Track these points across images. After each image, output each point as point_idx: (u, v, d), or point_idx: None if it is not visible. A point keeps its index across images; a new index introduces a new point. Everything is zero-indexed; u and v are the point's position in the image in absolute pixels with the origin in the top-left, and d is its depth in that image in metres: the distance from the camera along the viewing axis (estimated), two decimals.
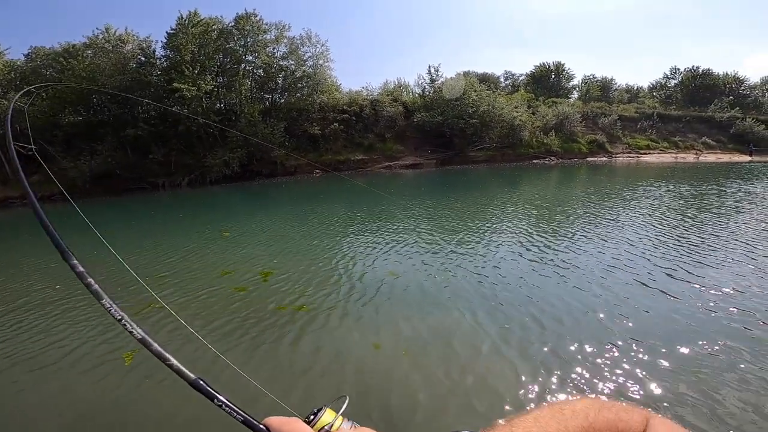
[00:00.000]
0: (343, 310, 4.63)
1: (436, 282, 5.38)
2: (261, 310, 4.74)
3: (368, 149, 28.21)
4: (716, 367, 3.13)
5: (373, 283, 5.42)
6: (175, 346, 3.94)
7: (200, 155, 24.97)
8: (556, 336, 3.73)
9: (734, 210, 9.59)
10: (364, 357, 3.63)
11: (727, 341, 3.48)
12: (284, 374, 3.44)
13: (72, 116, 26.89)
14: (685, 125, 40.37)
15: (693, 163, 29.11)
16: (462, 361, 3.42)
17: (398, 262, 6.35)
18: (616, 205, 10.78)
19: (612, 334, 3.73)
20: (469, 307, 4.51)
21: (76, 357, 3.93)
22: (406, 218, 10.09)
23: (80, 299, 5.43)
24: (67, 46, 27.05)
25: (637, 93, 51.70)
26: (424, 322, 4.25)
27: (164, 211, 16.01)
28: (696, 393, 2.83)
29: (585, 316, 4.12)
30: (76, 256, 0.86)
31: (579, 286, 4.95)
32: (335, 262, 6.57)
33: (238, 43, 27.59)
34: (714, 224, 8.05)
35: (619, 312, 4.16)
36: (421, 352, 3.66)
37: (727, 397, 2.77)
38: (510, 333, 3.86)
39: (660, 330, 3.75)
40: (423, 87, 34.80)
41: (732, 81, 47.77)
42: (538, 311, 4.28)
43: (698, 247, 6.37)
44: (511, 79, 50.70)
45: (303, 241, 8.41)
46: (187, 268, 6.73)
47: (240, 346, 3.92)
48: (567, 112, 34.10)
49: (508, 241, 7.35)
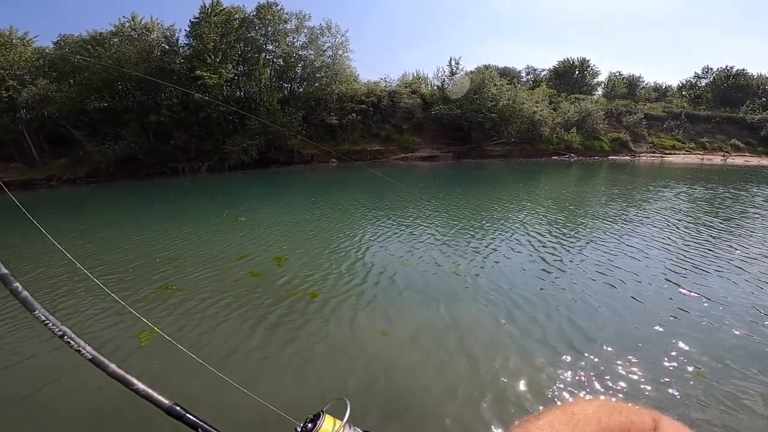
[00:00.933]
0: (353, 297, 4.69)
1: (448, 273, 5.39)
2: (273, 294, 4.83)
3: (385, 140, 28.18)
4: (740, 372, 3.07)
5: (383, 272, 5.48)
6: (190, 327, 4.09)
7: (220, 142, 25.41)
8: (571, 333, 3.70)
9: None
10: (371, 344, 3.68)
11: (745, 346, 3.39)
12: (292, 359, 3.51)
13: (98, 102, 27.71)
14: (714, 126, 38.91)
15: (720, 166, 28.02)
16: (473, 353, 3.43)
17: (410, 252, 6.38)
18: (634, 207, 10.50)
19: (625, 334, 3.68)
20: (481, 300, 4.51)
21: (89, 338, 4.00)
22: (419, 209, 10.10)
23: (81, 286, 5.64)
24: (94, 34, 27.70)
25: (665, 92, 49.95)
26: (435, 312, 4.27)
27: (184, 195, 16.39)
28: (711, 395, 2.80)
29: (601, 315, 4.08)
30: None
31: (594, 286, 4.90)
32: (347, 250, 6.64)
33: (259, 32, 27.80)
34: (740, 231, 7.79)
35: (634, 311, 4.11)
36: (431, 341, 3.67)
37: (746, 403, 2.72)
38: (524, 327, 3.85)
39: (682, 332, 3.69)
40: (442, 79, 34.50)
41: (767, 82, 45.66)
42: (553, 307, 4.25)
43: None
44: (533, 74, 49.62)
45: (316, 228, 8.51)
46: (204, 251, 6.90)
47: (251, 329, 4.01)
48: (590, 108, 33.26)
49: (521, 236, 7.28)
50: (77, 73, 26.45)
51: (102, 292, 5.00)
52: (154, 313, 4.47)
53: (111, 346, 3.79)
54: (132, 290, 5.21)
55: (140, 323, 4.11)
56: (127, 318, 4.30)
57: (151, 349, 3.71)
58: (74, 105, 26.17)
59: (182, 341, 3.77)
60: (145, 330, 3.99)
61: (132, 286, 5.37)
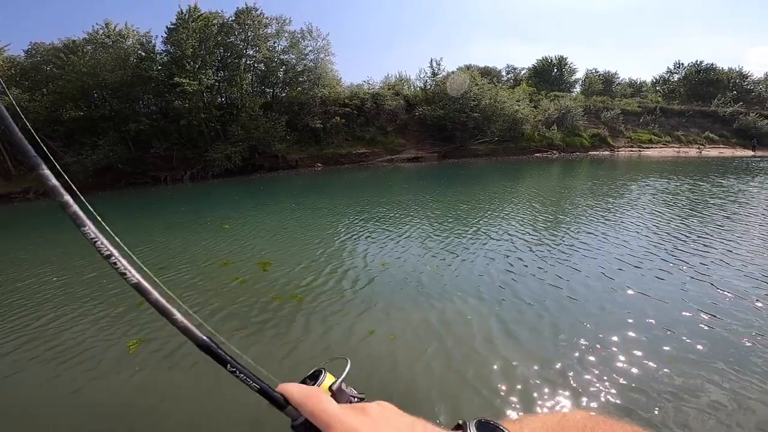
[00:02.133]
0: (336, 298, 4.73)
1: (429, 273, 5.44)
2: (258, 299, 4.84)
3: (370, 143, 28.18)
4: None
5: (367, 273, 5.52)
6: (174, 336, 3.98)
7: (202, 149, 25.02)
8: (553, 331, 3.72)
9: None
10: (356, 342, 3.72)
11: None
12: (274, 359, 3.54)
13: (73, 111, 26.98)
14: (687, 120, 40.20)
15: (695, 158, 28.96)
16: (455, 351, 3.47)
17: (393, 253, 6.43)
18: (617, 200, 10.77)
19: (605, 332, 3.71)
20: (464, 298, 4.56)
21: (79, 350, 3.97)
22: (401, 210, 10.17)
23: (80, 291, 5.54)
24: (67, 41, 26.97)
25: (640, 87, 51.41)
26: (417, 310, 4.31)
27: (166, 204, 16.09)
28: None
29: (582, 310, 4.14)
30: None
31: (576, 280, 4.97)
32: (331, 253, 6.68)
33: (239, 37, 27.53)
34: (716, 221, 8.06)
35: (613, 309, 4.16)
36: (414, 339, 3.72)
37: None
38: (507, 325, 3.89)
39: (666, 329, 3.78)
40: (425, 81, 34.75)
41: (736, 76, 47.43)
42: (538, 305, 4.29)
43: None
44: (513, 72, 50.43)
45: (301, 232, 8.51)
46: (187, 259, 6.84)
47: (237, 336, 4.00)
48: (569, 105, 33.96)
49: (503, 233, 7.39)
50: (51, 82, 25.72)
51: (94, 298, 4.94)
52: (137, 322, 4.42)
53: (97, 354, 3.79)
54: (115, 300, 5.13)
55: (127, 333, 4.14)
56: (114, 328, 4.29)
57: (136, 358, 3.70)
58: (49, 115, 25.45)
59: (164, 349, 3.78)
60: (132, 338, 4.03)
61: (115, 295, 5.28)
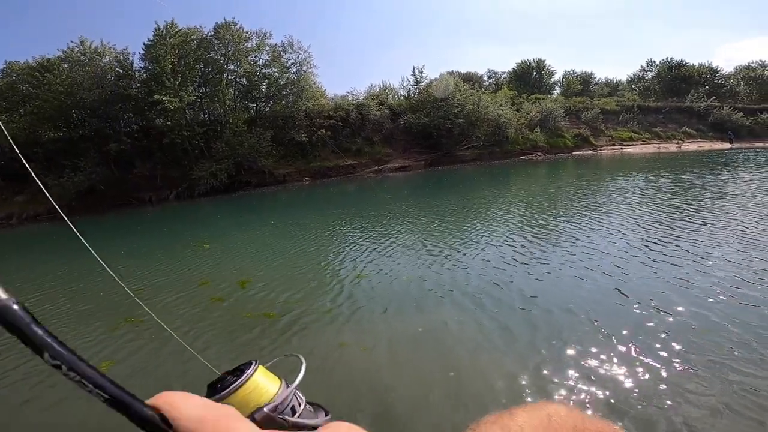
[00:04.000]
0: (311, 312, 4.84)
1: (403, 282, 5.59)
2: (235, 318, 4.94)
3: (356, 154, 28.11)
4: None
5: (345, 287, 5.63)
6: (146, 360, 4.09)
7: (187, 168, 24.59)
8: (534, 336, 3.76)
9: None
10: (331, 355, 3.80)
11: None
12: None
13: (52, 132, 26.30)
14: (665, 116, 41.29)
15: (675, 153, 29.78)
16: (435, 359, 3.52)
17: (370, 265, 6.57)
18: (600, 198, 10.96)
19: (586, 332, 3.75)
20: (442, 306, 4.66)
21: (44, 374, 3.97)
22: (384, 222, 10.28)
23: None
24: (41, 60, 26.32)
25: (616, 86, 52.75)
26: (393, 321, 4.42)
27: (149, 226, 15.93)
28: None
29: (564, 313, 4.18)
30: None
31: (562, 282, 5.04)
32: (311, 268, 6.85)
33: (219, 52, 27.28)
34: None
35: (594, 309, 4.21)
36: (389, 350, 3.81)
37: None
38: (489, 331, 3.94)
39: (654, 328, 3.78)
40: (408, 89, 34.92)
41: (707, 71, 49.05)
42: (520, 309, 4.34)
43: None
44: (494, 77, 51.20)
45: (283, 249, 8.67)
46: (167, 281, 6.96)
47: (212, 356, 4.02)
48: (550, 107, 34.56)
49: (485, 238, 7.56)
50: (27, 102, 25.03)
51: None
52: (112, 344, 4.46)
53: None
54: (92, 323, 5.16)
55: (101, 354, 4.17)
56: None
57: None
58: (28, 136, 24.76)
59: (138, 374, 3.80)
60: (105, 360, 4.08)
61: (93, 318, 5.32)
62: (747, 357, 3.17)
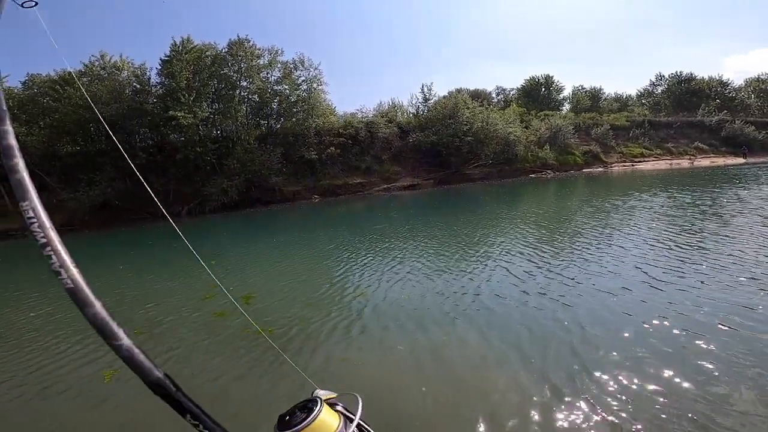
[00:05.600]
0: (315, 330, 4.89)
1: (407, 301, 5.63)
2: (235, 333, 5.06)
3: (366, 172, 28.35)
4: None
5: (349, 305, 5.71)
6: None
7: (198, 184, 25.04)
8: (543, 360, 3.72)
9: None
10: (335, 373, 3.84)
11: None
12: (242, 393, 3.65)
13: (70, 146, 26.92)
14: (676, 131, 40.99)
15: (688, 169, 29.36)
16: (437, 379, 3.57)
17: (374, 283, 6.64)
18: (612, 219, 10.87)
19: (589, 357, 3.68)
20: (444, 323, 4.73)
21: (56, 379, 4.23)
22: (389, 241, 10.36)
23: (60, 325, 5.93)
24: (62, 73, 27.08)
25: (626, 102, 52.48)
26: (397, 338, 4.48)
27: (160, 241, 16.27)
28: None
29: (567, 335, 4.15)
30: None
31: (569, 304, 4.96)
32: (317, 285, 6.96)
33: (232, 68, 27.88)
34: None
35: (599, 333, 4.15)
36: (392, 366, 3.87)
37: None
38: (492, 351, 3.95)
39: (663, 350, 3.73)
40: (417, 107, 35.17)
41: (717, 84, 48.64)
42: (524, 331, 4.32)
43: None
44: (503, 94, 51.35)
45: (289, 266, 8.90)
46: (171, 294, 7.37)
47: (209, 369, 4.17)
48: (560, 124, 34.52)
49: (489, 258, 7.61)
50: (47, 115, 25.70)
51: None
52: (112, 354, 4.57)
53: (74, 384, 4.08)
54: (91, 333, 5.30)
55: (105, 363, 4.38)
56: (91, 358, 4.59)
57: (113, 387, 3.94)
58: (45, 149, 25.44)
59: (140, 382, 3.89)
60: (108, 368, 4.24)
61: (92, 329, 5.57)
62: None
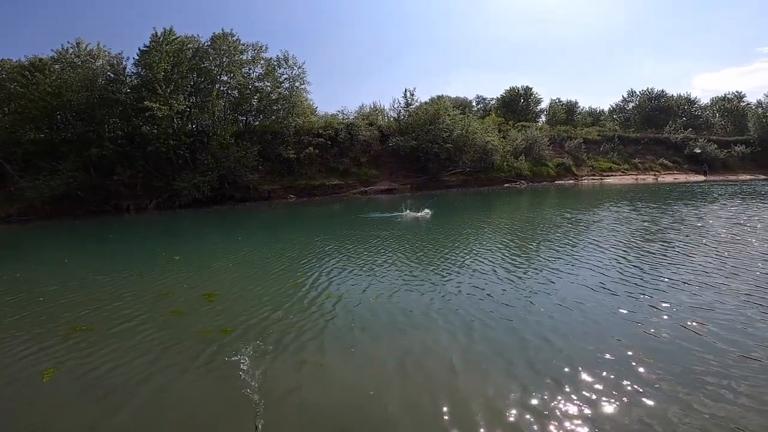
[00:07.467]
0: (274, 330, 4.81)
1: (370, 302, 5.66)
2: (191, 333, 4.91)
3: (344, 174, 28.22)
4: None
5: (312, 305, 5.69)
6: (90, 368, 4.13)
7: (169, 177, 24.30)
8: (511, 361, 3.86)
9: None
10: (291, 374, 3.79)
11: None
12: (190, 399, 3.55)
13: (33, 133, 25.68)
14: (643, 147, 42.72)
15: (652, 184, 30.88)
16: (400, 379, 3.61)
17: (340, 285, 6.63)
18: (580, 228, 11.32)
19: (564, 357, 3.87)
20: (411, 326, 4.76)
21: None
22: (362, 243, 10.35)
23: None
24: (33, 59, 25.90)
25: (599, 116, 54.41)
26: (360, 339, 4.49)
27: (123, 234, 15.74)
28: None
29: (551, 338, 4.31)
30: None
31: (544, 309, 5.14)
32: (281, 285, 6.86)
33: (214, 62, 27.22)
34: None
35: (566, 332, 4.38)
36: (349, 369, 3.87)
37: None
38: (459, 356, 4.02)
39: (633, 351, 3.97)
40: (398, 111, 35.29)
41: (684, 102, 51.08)
42: (493, 333, 4.46)
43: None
44: (483, 103, 52.30)
45: (256, 264, 8.72)
46: (127, 290, 7.00)
47: (158, 369, 4.03)
48: (536, 135, 35.45)
49: (458, 265, 7.70)
50: (13, 101, 24.44)
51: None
52: (56, 352, 4.53)
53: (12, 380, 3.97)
54: (39, 329, 5.25)
55: (47, 361, 4.26)
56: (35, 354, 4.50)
57: (53, 385, 3.83)
58: (8, 135, 24.22)
59: (79, 382, 3.83)
60: (50, 367, 4.14)
61: (41, 324, 5.42)
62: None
